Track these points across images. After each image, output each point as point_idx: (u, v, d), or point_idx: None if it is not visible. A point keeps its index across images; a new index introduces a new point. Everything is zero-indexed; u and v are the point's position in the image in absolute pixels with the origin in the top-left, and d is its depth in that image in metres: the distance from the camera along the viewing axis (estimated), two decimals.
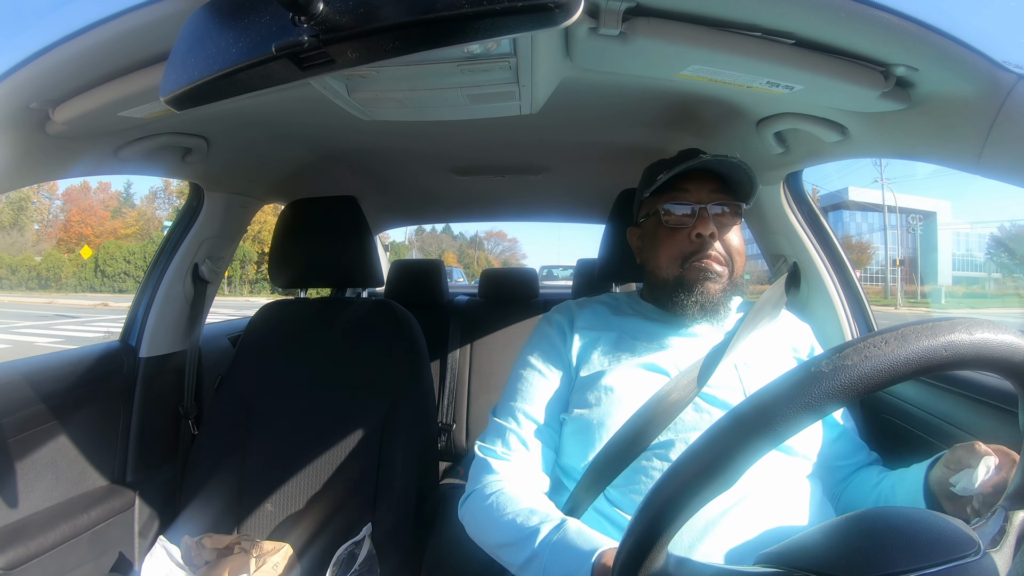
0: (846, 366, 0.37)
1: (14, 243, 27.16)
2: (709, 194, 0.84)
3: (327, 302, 1.38)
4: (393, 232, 31.64)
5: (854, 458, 0.87)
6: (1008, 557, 0.42)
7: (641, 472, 0.74)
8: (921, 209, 29.40)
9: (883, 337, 0.38)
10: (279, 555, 1.07)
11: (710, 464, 0.38)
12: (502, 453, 0.82)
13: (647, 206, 0.90)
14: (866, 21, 0.61)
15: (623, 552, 0.41)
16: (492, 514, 0.74)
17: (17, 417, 1.07)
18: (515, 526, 0.70)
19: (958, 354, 0.37)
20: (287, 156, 1.43)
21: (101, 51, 0.72)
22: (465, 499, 0.82)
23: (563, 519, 0.68)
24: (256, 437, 1.21)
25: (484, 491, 0.78)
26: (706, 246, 0.83)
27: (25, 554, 1.01)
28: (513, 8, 0.41)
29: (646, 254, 0.91)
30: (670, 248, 0.85)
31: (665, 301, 0.87)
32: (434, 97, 0.88)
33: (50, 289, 25.75)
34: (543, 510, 0.71)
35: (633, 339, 0.86)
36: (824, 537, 0.44)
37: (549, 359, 0.88)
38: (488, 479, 0.79)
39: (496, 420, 0.86)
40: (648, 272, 0.92)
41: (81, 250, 21.92)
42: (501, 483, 0.78)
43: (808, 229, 1.27)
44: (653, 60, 0.75)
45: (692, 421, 0.76)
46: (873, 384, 0.37)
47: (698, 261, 0.82)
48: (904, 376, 0.37)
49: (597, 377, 0.82)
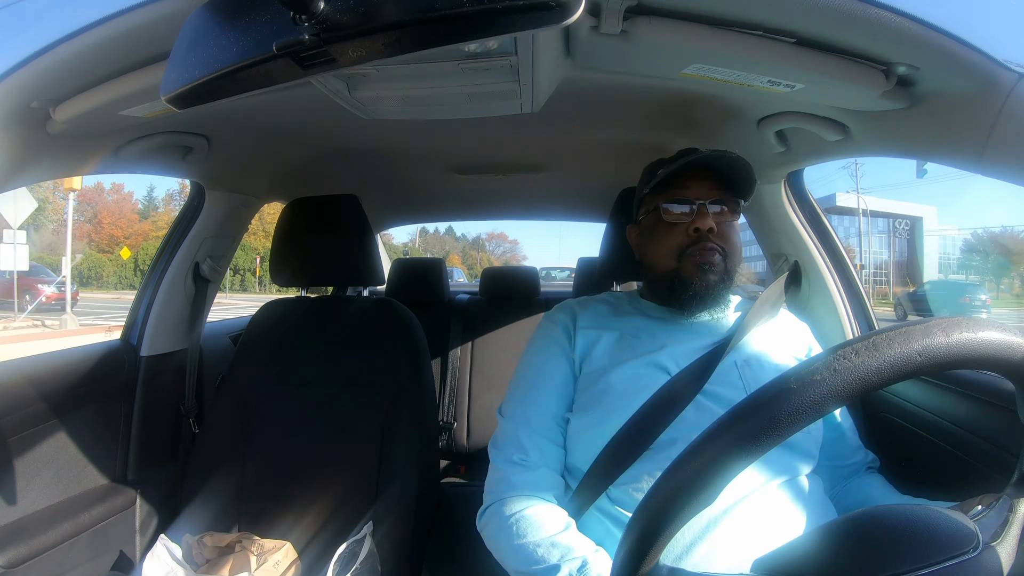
0: (815, 381, 0.36)
1: (49, 244, 27.73)
2: (709, 191, 0.85)
3: (328, 301, 1.38)
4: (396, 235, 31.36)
5: (852, 459, 0.87)
6: (1012, 549, 0.41)
7: (643, 470, 0.74)
8: (908, 214, 29.92)
9: (853, 348, 0.37)
10: (280, 553, 1.07)
11: (709, 463, 0.38)
12: (518, 460, 0.81)
13: (647, 203, 0.91)
14: (867, 20, 0.61)
15: (619, 557, 0.41)
16: (512, 538, 0.73)
17: (18, 416, 1.07)
18: (535, 559, 0.69)
19: (933, 358, 0.37)
20: (288, 155, 1.43)
21: (102, 50, 0.72)
22: (484, 511, 0.81)
23: (584, 559, 0.67)
24: (257, 435, 1.21)
25: (504, 508, 0.77)
26: (703, 239, 0.83)
27: (26, 552, 1.01)
28: (514, 7, 0.41)
29: (645, 250, 0.92)
30: (668, 242, 0.85)
31: (664, 296, 0.88)
32: (435, 96, 0.88)
33: (91, 287, 27.26)
34: (565, 543, 0.70)
35: (634, 338, 0.86)
36: (818, 542, 0.43)
37: (553, 358, 0.88)
38: (507, 492, 0.79)
39: (505, 422, 0.86)
40: (647, 268, 0.92)
41: (121, 251, 24.07)
42: (520, 502, 0.77)
43: (809, 228, 1.27)
44: (654, 59, 0.75)
45: (694, 419, 0.76)
46: (851, 393, 0.36)
47: (694, 254, 0.83)
48: (890, 380, 0.37)
49: (599, 376, 0.83)
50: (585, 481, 0.77)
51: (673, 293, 0.85)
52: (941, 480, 0.89)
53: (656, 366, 0.82)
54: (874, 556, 0.40)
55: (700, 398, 0.77)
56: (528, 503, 0.77)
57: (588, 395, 0.82)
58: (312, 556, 1.12)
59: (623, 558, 0.41)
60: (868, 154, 0.95)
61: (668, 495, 0.39)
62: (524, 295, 2.30)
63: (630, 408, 0.77)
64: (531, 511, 0.75)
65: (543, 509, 0.76)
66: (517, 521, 0.74)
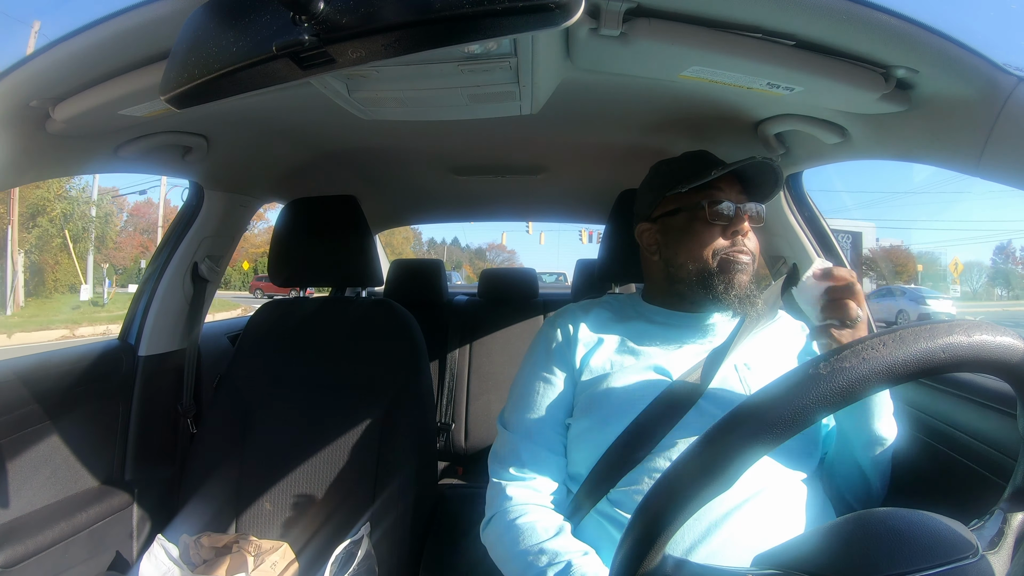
0: (844, 368, 0.37)
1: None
2: (738, 195, 0.86)
3: (327, 301, 1.37)
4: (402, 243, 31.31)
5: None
6: (1006, 559, 0.42)
7: (644, 473, 0.74)
8: (849, 230, 32.42)
9: (881, 339, 0.38)
10: (277, 554, 1.07)
11: (709, 463, 0.39)
12: (516, 474, 0.82)
13: (675, 202, 0.89)
14: (866, 23, 0.61)
15: (621, 553, 0.41)
16: (507, 548, 0.76)
17: (15, 415, 1.07)
18: (526, 565, 0.72)
19: (956, 356, 0.38)
20: (287, 155, 1.43)
21: (101, 49, 0.72)
22: (486, 524, 0.83)
23: (569, 562, 0.69)
24: (255, 436, 1.21)
25: (502, 520, 0.79)
26: (738, 244, 0.85)
27: (23, 552, 1.01)
28: (514, 8, 0.41)
29: (672, 249, 0.89)
30: (706, 241, 0.85)
31: (697, 295, 0.86)
32: (434, 97, 0.88)
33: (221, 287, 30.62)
34: (553, 548, 0.71)
35: (636, 343, 0.86)
36: (821, 539, 0.44)
37: (554, 366, 0.88)
38: (505, 504, 0.80)
39: (506, 434, 0.87)
40: (675, 266, 0.89)
41: (243, 263, 29.62)
42: (516, 510, 0.79)
43: (808, 231, 1.27)
44: (654, 61, 0.75)
45: (695, 423, 0.76)
46: (870, 386, 0.37)
47: (731, 254, 0.84)
48: (901, 379, 0.37)
49: (600, 381, 0.83)
50: (586, 485, 0.77)
51: (712, 292, 0.84)
52: (940, 484, 0.89)
53: (658, 371, 0.82)
54: (879, 553, 0.40)
55: (702, 402, 0.77)
56: (523, 511, 0.78)
57: (589, 401, 0.82)
58: (309, 557, 1.11)
59: (628, 548, 0.41)
60: (867, 157, 0.95)
61: (690, 475, 0.40)
62: (522, 297, 2.30)
63: (631, 413, 0.77)
64: (525, 519, 0.77)
65: (537, 516, 0.77)
66: (512, 531, 0.76)
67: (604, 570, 0.67)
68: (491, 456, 0.87)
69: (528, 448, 0.83)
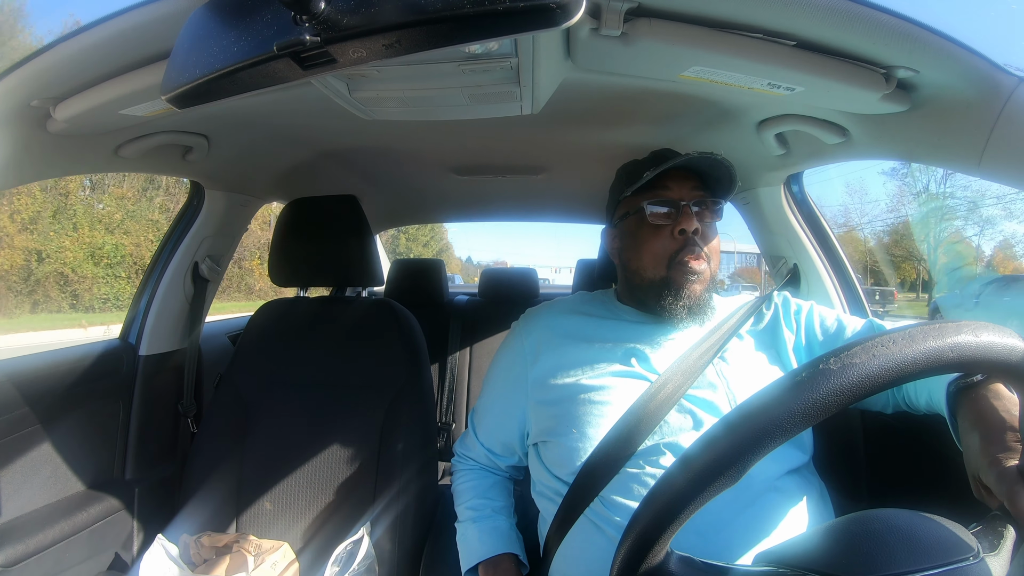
0: (854, 364, 0.38)
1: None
2: (690, 192, 0.84)
3: (327, 301, 1.37)
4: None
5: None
6: (1005, 562, 0.42)
7: (630, 479, 0.73)
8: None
9: (891, 337, 0.39)
10: (278, 554, 1.07)
11: (718, 458, 0.39)
12: (469, 464, 1.03)
13: (626, 205, 0.89)
14: (867, 23, 0.61)
15: (623, 548, 0.41)
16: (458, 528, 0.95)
17: (16, 414, 1.07)
18: (461, 510, 0.96)
19: (964, 356, 0.38)
20: (288, 155, 1.43)
21: (102, 49, 0.72)
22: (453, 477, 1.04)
23: (475, 517, 0.92)
24: (255, 435, 1.21)
25: (460, 477, 1.01)
26: (690, 243, 0.82)
27: (23, 551, 1.01)
28: (514, 8, 0.41)
29: (627, 255, 0.89)
30: (654, 246, 0.83)
31: (650, 303, 0.85)
32: (435, 97, 0.88)
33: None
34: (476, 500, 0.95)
35: (611, 344, 0.84)
36: (823, 537, 0.44)
37: (512, 380, 0.91)
38: (462, 468, 1.03)
39: (467, 434, 1.03)
40: (630, 272, 0.89)
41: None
42: (464, 491, 0.98)
43: (808, 231, 1.27)
44: (654, 61, 0.75)
45: (677, 423, 0.75)
46: (879, 384, 0.37)
47: (683, 261, 0.81)
48: (910, 376, 0.38)
49: (574, 388, 0.81)
50: (572, 492, 0.75)
51: (662, 301, 0.83)
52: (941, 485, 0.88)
53: (634, 374, 0.80)
54: (881, 552, 0.41)
55: (683, 401, 0.76)
56: (466, 483, 0.99)
57: (566, 407, 0.81)
58: (310, 556, 1.11)
59: (632, 543, 0.41)
60: (867, 157, 0.95)
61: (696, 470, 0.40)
62: (523, 296, 2.30)
63: (612, 417, 0.75)
64: (465, 486, 0.98)
65: (477, 481, 0.98)
66: (461, 484, 0.99)
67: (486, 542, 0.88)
68: (456, 444, 1.05)
69: (480, 448, 0.99)
